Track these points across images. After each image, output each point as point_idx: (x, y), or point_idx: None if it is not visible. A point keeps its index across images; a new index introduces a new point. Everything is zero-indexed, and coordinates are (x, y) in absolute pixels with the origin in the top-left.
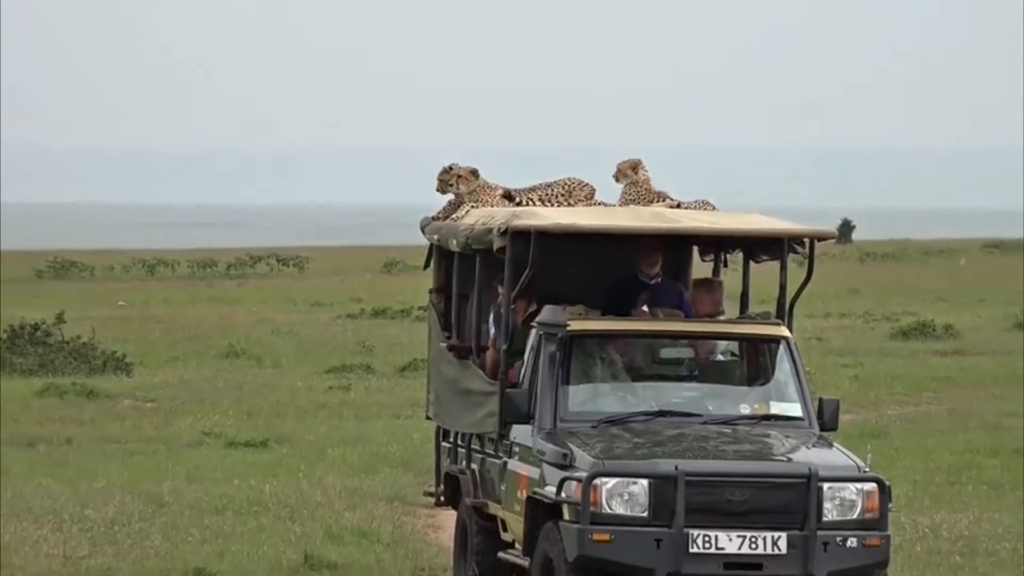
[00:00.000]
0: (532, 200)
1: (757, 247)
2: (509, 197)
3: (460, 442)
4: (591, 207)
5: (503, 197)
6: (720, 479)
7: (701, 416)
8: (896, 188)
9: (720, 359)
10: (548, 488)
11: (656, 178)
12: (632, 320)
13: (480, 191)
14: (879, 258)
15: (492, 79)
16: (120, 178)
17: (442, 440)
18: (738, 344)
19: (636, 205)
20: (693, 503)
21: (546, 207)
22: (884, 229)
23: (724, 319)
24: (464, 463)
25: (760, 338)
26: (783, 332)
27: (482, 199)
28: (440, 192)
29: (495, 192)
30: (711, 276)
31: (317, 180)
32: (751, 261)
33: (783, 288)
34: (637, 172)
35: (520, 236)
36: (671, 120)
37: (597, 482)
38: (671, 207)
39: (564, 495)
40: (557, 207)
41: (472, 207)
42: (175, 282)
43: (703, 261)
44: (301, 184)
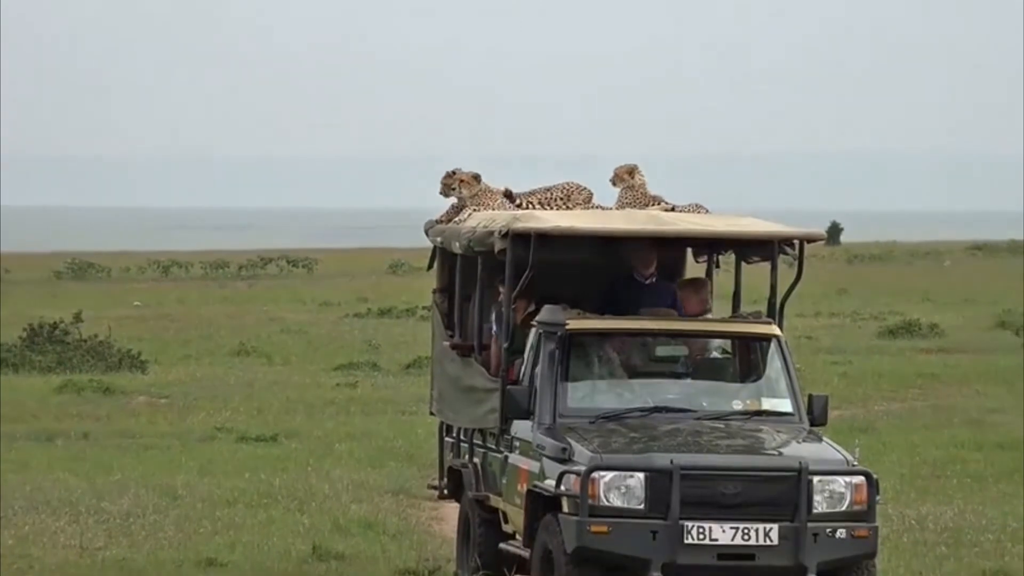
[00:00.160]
0: (532, 203)
1: (748, 249)
2: (510, 196)
3: (463, 437)
4: (589, 210)
5: (504, 195)
6: (713, 472)
7: (695, 412)
8: (882, 191)
9: (713, 357)
10: (548, 481)
11: (652, 183)
12: (629, 319)
13: (482, 195)
14: (866, 259)
15: (495, 84)
16: (138, 183)
17: (445, 435)
18: (731, 342)
19: (632, 208)
20: (688, 496)
21: (545, 210)
22: (871, 231)
23: (714, 317)
24: (466, 457)
25: (752, 336)
26: (774, 331)
27: (484, 202)
28: (443, 196)
29: (496, 196)
30: (697, 276)
31: (322, 184)
32: (743, 262)
33: (774, 288)
34: (633, 176)
35: (520, 238)
36: (666, 128)
37: (595, 475)
38: (666, 210)
39: (563, 488)
40: (556, 210)
41: (474, 210)
42: (189, 283)
43: (697, 262)
44: (308, 188)
